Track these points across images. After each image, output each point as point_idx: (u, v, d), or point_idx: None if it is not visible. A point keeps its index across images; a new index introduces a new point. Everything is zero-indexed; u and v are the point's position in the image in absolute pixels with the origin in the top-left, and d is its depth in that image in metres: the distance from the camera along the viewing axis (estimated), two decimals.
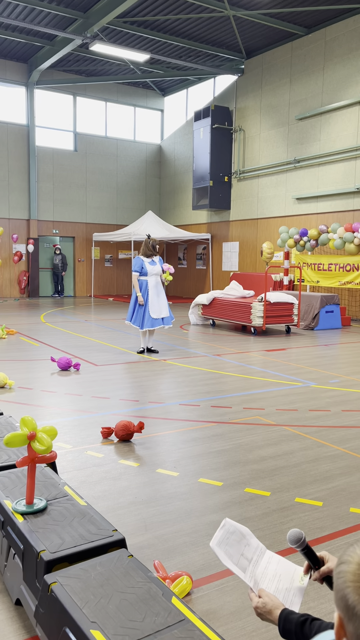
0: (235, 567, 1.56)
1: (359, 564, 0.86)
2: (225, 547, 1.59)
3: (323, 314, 11.71)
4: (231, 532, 1.62)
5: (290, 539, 1.49)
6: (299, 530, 1.49)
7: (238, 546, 1.60)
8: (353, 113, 13.32)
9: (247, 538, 1.63)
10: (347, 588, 0.85)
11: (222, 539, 1.60)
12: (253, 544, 1.63)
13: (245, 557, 1.59)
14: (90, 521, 2.29)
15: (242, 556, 1.59)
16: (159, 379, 6.65)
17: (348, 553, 0.89)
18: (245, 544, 1.62)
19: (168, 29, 14.89)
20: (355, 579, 0.85)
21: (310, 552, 1.51)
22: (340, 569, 0.88)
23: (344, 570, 0.87)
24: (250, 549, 1.61)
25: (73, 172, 19.28)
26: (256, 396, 5.86)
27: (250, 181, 16.67)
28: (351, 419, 5.04)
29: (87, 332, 10.61)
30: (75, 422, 4.88)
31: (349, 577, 0.85)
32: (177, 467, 3.85)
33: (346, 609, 0.85)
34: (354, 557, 0.87)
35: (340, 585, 0.86)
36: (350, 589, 0.84)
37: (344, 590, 0.85)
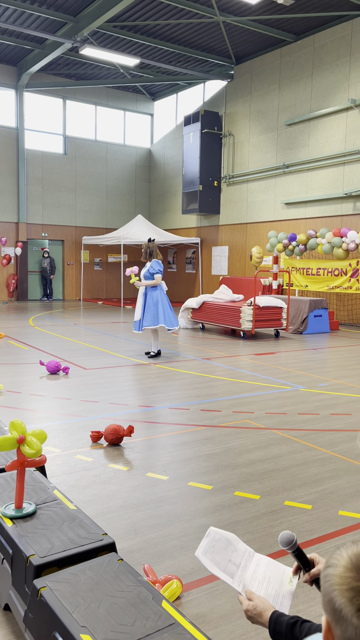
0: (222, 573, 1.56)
1: (345, 567, 0.86)
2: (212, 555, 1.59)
3: (312, 318, 11.78)
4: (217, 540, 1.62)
5: (282, 541, 1.50)
6: (291, 533, 1.50)
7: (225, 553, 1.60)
8: (341, 119, 13.45)
9: (234, 544, 1.62)
10: (333, 591, 0.85)
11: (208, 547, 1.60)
12: (240, 548, 1.63)
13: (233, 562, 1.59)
14: (79, 525, 2.28)
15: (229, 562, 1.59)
16: (149, 382, 6.65)
17: (334, 556, 0.89)
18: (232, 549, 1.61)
19: (158, 33, 14.94)
20: (341, 582, 0.85)
21: (301, 554, 1.52)
22: (327, 572, 0.88)
23: (330, 573, 0.87)
24: (238, 554, 1.61)
25: (62, 176, 19.24)
26: (245, 400, 5.88)
27: (239, 186, 16.76)
28: (340, 423, 5.07)
29: (76, 336, 10.57)
30: (65, 426, 4.86)
31: (336, 580, 0.86)
32: (167, 470, 3.84)
33: (333, 612, 0.85)
34: (340, 560, 0.88)
35: (327, 589, 0.87)
36: (337, 592, 0.85)
37: (330, 594, 0.86)
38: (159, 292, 8.26)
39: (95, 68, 17.83)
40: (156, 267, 8.18)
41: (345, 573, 0.85)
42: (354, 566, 0.85)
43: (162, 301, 8.25)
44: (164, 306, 8.25)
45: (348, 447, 4.40)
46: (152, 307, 8.22)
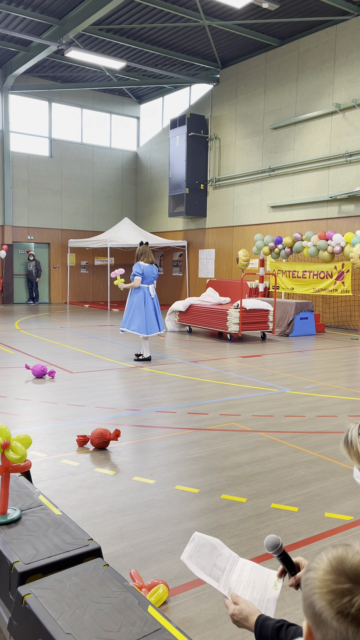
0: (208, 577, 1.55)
1: (326, 570, 0.86)
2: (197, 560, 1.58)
3: (298, 320, 11.84)
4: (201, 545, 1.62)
5: (267, 545, 1.50)
6: (276, 537, 1.49)
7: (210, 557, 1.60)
8: (326, 123, 13.57)
9: (219, 549, 1.62)
10: (314, 595, 0.85)
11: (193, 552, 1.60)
12: (225, 553, 1.63)
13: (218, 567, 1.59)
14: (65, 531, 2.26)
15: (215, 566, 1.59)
16: (136, 386, 6.63)
17: (315, 560, 0.89)
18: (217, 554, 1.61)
19: (144, 37, 14.96)
20: (321, 585, 0.85)
21: (287, 558, 1.52)
22: (308, 575, 0.88)
23: (311, 577, 0.87)
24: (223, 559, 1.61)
25: (48, 178, 19.16)
26: (232, 402, 5.89)
27: (225, 189, 16.81)
28: (326, 425, 5.10)
29: (63, 339, 10.51)
30: (50, 430, 4.83)
31: (316, 583, 0.86)
32: (154, 474, 3.83)
33: (314, 616, 0.85)
34: (320, 564, 0.87)
35: (308, 593, 0.87)
36: (317, 596, 0.84)
37: (311, 597, 0.86)
38: (137, 296, 8.19)
39: (81, 71, 17.80)
40: (134, 270, 8.15)
41: (324, 576, 0.85)
42: (333, 569, 0.85)
43: (138, 306, 8.14)
44: (139, 310, 8.12)
45: (334, 449, 4.42)
46: (128, 309, 8.24)
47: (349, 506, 3.35)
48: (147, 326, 8.17)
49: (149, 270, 8.20)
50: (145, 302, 8.17)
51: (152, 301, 8.26)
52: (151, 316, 8.22)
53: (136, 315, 8.14)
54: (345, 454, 1.44)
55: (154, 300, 8.31)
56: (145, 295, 8.20)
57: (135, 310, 8.15)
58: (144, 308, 8.15)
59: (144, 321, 8.14)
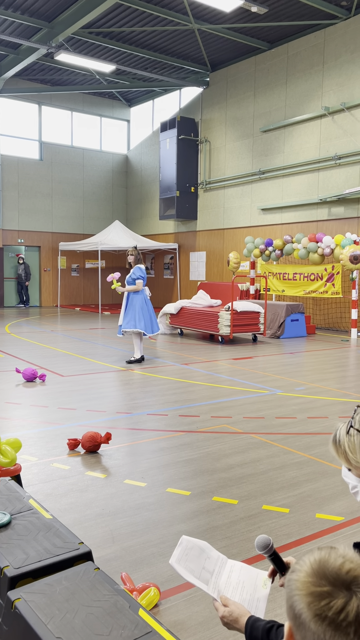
0: (197, 580, 1.56)
1: (307, 572, 0.86)
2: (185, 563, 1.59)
3: (288, 322, 11.88)
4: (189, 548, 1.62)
5: (258, 545, 1.50)
6: (267, 537, 1.50)
7: (198, 560, 1.60)
8: (315, 126, 13.65)
9: (207, 551, 1.63)
10: (294, 596, 0.85)
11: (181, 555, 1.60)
12: (213, 556, 1.63)
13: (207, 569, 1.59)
14: (55, 534, 2.25)
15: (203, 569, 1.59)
16: (127, 389, 6.62)
17: (299, 562, 0.90)
18: (205, 557, 1.61)
19: (134, 40, 14.98)
20: (302, 587, 0.85)
21: (277, 558, 1.52)
22: (290, 577, 0.89)
23: (293, 579, 0.88)
24: (211, 561, 1.61)
25: (39, 181, 19.11)
26: (224, 404, 5.89)
27: (216, 192, 16.86)
28: (316, 426, 5.11)
29: (54, 343, 10.47)
30: (41, 434, 4.80)
31: (297, 585, 0.86)
32: (145, 477, 3.82)
33: (294, 617, 0.85)
34: (302, 567, 0.88)
35: (289, 594, 0.87)
36: (297, 597, 0.85)
37: (292, 599, 0.86)
38: (140, 297, 8.41)
39: (70, 74, 17.79)
40: (137, 273, 8.35)
41: (305, 578, 0.85)
42: (314, 572, 0.86)
43: (142, 306, 8.36)
44: (143, 311, 8.35)
45: (325, 450, 4.44)
46: (131, 311, 8.37)
47: (339, 507, 3.36)
48: (151, 326, 8.44)
49: (145, 273, 8.52)
50: (146, 302, 8.47)
51: (150, 303, 8.58)
52: (152, 317, 8.51)
53: (143, 316, 8.36)
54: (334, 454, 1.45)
55: (150, 302, 8.60)
56: (145, 297, 8.49)
57: (141, 311, 8.37)
58: (147, 309, 8.44)
59: (149, 322, 8.41)
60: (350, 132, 12.81)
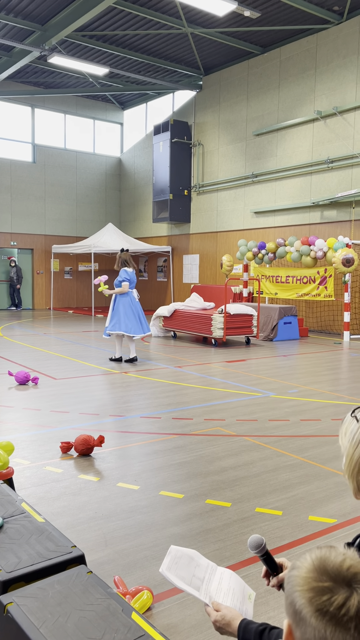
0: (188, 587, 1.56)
1: (308, 569, 0.87)
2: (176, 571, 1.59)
3: (281, 325, 11.91)
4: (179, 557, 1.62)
5: (251, 544, 1.50)
6: (260, 536, 1.50)
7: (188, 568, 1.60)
8: (307, 130, 13.72)
9: (196, 559, 1.63)
10: (295, 592, 0.86)
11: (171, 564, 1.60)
12: (203, 564, 1.63)
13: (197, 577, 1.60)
14: (48, 538, 2.24)
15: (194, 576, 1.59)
16: (120, 391, 6.61)
17: (300, 560, 0.91)
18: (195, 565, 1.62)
19: (127, 43, 15.01)
20: (303, 582, 0.86)
21: (270, 558, 1.52)
22: (291, 574, 0.89)
23: (293, 575, 0.88)
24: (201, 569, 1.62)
25: (32, 184, 19.07)
26: (217, 407, 5.89)
27: (209, 195, 16.90)
28: (309, 428, 5.13)
29: (46, 345, 10.44)
30: (34, 437, 4.78)
31: (298, 581, 0.86)
32: (138, 480, 3.82)
33: (294, 614, 0.85)
34: (304, 563, 0.89)
35: (289, 591, 0.87)
36: (298, 593, 0.85)
37: (292, 595, 0.86)
38: (125, 300, 8.59)
39: (64, 77, 17.78)
40: (123, 276, 8.58)
41: (306, 574, 0.86)
42: (315, 568, 0.86)
43: (127, 309, 8.55)
44: (127, 314, 8.53)
45: (318, 452, 4.45)
46: (116, 313, 8.59)
47: (332, 509, 3.37)
48: (134, 328, 8.57)
49: (133, 276, 8.70)
50: (132, 305, 8.62)
51: (137, 304, 8.70)
52: (137, 319, 8.62)
53: (127, 318, 8.53)
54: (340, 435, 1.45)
55: (138, 304, 8.73)
56: (131, 300, 8.64)
57: (125, 314, 8.54)
58: (131, 311, 8.59)
59: (132, 324, 8.55)
60: (343, 136, 12.89)
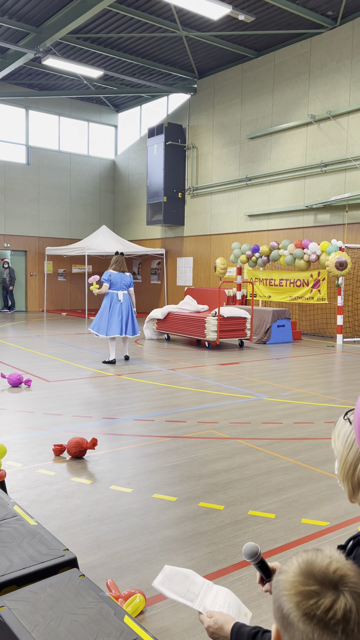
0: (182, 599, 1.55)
1: (295, 573, 0.86)
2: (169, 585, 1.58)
3: (275, 328, 11.94)
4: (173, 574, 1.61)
5: (246, 553, 1.49)
6: (255, 545, 1.49)
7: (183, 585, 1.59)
8: (301, 134, 13.78)
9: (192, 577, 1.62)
10: (282, 597, 0.85)
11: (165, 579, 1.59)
12: (198, 581, 1.62)
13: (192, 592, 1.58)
14: (40, 541, 2.23)
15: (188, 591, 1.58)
16: (113, 394, 6.59)
17: (286, 564, 0.90)
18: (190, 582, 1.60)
19: (122, 46, 15.03)
20: (290, 587, 0.85)
21: (264, 565, 1.52)
22: (278, 578, 0.89)
23: (280, 579, 0.88)
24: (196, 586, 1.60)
25: (25, 186, 19.03)
26: (210, 410, 5.89)
27: (203, 198, 16.92)
28: (302, 431, 5.14)
29: (39, 348, 10.41)
30: (26, 439, 4.76)
31: (285, 585, 0.86)
32: (131, 483, 3.81)
33: (282, 618, 0.85)
34: (290, 567, 0.88)
35: (277, 595, 0.87)
36: (285, 598, 0.85)
37: (279, 600, 0.86)
38: (105, 300, 8.88)
39: (58, 79, 17.77)
40: (103, 277, 8.86)
41: (293, 578, 0.86)
42: (302, 572, 0.86)
43: (103, 309, 8.81)
44: (103, 314, 8.77)
45: (311, 455, 4.46)
46: (98, 313, 8.92)
47: (325, 512, 3.38)
48: (107, 328, 8.73)
49: (117, 278, 8.83)
50: (111, 306, 8.80)
51: (119, 305, 8.80)
52: (115, 319, 8.75)
53: (100, 318, 8.80)
54: None
55: (121, 305, 8.81)
56: (112, 300, 8.83)
57: (101, 314, 8.82)
58: (108, 311, 8.78)
59: (105, 324, 8.74)
60: (336, 140, 12.96)
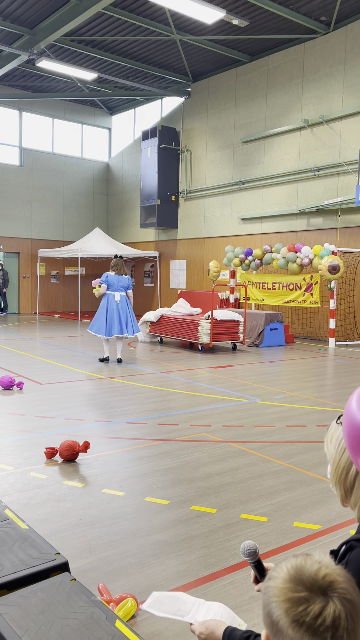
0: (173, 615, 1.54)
1: (284, 579, 0.86)
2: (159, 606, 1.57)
3: (267, 331, 11.96)
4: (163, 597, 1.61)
5: (244, 551, 1.49)
6: (253, 543, 1.49)
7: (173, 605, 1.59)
8: (294, 138, 13.85)
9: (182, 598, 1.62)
10: (272, 603, 0.85)
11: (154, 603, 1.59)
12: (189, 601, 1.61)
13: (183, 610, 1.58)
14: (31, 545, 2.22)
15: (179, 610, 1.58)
16: (106, 397, 6.58)
17: (275, 569, 0.90)
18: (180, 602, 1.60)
19: (116, 49, 15.05)
20: (279, 593, 0.85)
21: (260, 565, 1.52)
22: (267, 584, 0.88)
23: (270, 586, 0.87)
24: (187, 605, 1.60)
25: (19, 188, 18.98)
26: (203, 413, 5.89)
27: (197, 201, 16.95)
28: (295, 435, 5.15)
29: (32, 350, 10.37)
30: (18, 442, 4.74)
31: (274, 592, 0.86)
32: (123, 486, 3.80)
33: (271, 625, 0.85)
34: (279, 573, 0.88)
35: (266, 602, 0.87)
36: (275, 604, 0.84)
37: (269, 606, 0.86)
38: (102, 302, 9.19)
39: (52, 81, 17.76)
40: (102, 278, 9.18)
41: (282, 584, 0.85)
42: (291, 578, 0.86)
43: (101, 310, 9.09)
44: (100, 315, 9.06)
45: (303, 458, 4.46)
46: (96, 315, 9.21)
47: (317, 515, 3.38)
48: (106, 329, 9.00)
49: (114, 279, 9.14)
50: (108, 307, 9.06)
51: (116, 306, 9.08)
52: (114, 320, 9.02)
53: (98, 319, 9.07)
54: None
55: (118, 306, 9.09)
56: (109, 301, 9.10)
57: (98, 315, 9.11)
58: (105, 312, 9.05)
59: (104, 324, 9.00)
60: (329, 144, 13.03)
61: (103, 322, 8.97)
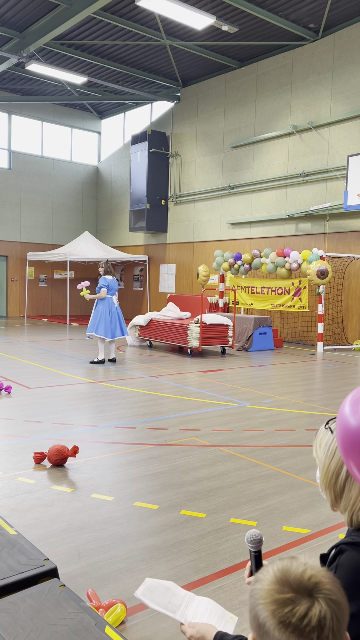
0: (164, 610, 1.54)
1: (271, 581, 0.86)
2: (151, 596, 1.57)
3: (256, 335, 12.00)
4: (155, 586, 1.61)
5: (249, 538, 1.48)
6: (259, 532, 1.49)
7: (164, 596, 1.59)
8: (283, 144, 13.95)
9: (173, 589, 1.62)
10: (258, 605, 0.85)
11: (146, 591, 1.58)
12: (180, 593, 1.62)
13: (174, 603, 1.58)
14: (20, 551, 2.20)
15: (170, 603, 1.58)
16: (94, 401, 6.55)
17: (262, 572, 0.90)
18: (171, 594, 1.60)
19: (106, 53, 15.06)
20: (266, 595, 0.85)
21: (260, 557, 1.52)
22: (254, 587, 0.88)
23: (257, 588, 0.87)
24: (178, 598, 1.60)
25: (7, 191, 18.89)
26: (192, 417, 5.89)
27: (186, 205, 16.99)
28: (284, 439, 5.16)
29: (20, 354, 10.30)
30: (6, 447, 4.70)
31: (261, 594, 0.86)
32: (112, 491, 3.78)
33: (258, 627, 0.85)
34: (266, 576, 0.88)
35: (253, 604, 0.87)
36: (261, 606, 0.85)
37: (255, 608, 0.86)
38: (103, 305, 9.48)
39: (42, 84, 17.73)
40: (101, 283, 9.56)
41: (269, 586, 0.85)
42: (277, 579, 0.86)
43: (103, 313, 9.41)
44: (104, 317, 9.38)
45: (292, 462, 4.48)
46: (95, 317, 9.44)
47: (306, 519, 3.39)
48: (111, 331, 9.41)
49: (113, 283, 9.60)
50: (110, 310, 9.47)
51: (115, 309, 9.55)
52: (115, 322, 9.49)
53: (103, 322, 9.37)
54: None
55: (117, 309, 9.59)
56: (110, 305, 9.51)
57: (102, 318, 9.38)
58: (109, 315, 9.43)
59: (109, 327, 9.39)
60: (317, 150, 13.14)
61: (108, 325, 9.36)
